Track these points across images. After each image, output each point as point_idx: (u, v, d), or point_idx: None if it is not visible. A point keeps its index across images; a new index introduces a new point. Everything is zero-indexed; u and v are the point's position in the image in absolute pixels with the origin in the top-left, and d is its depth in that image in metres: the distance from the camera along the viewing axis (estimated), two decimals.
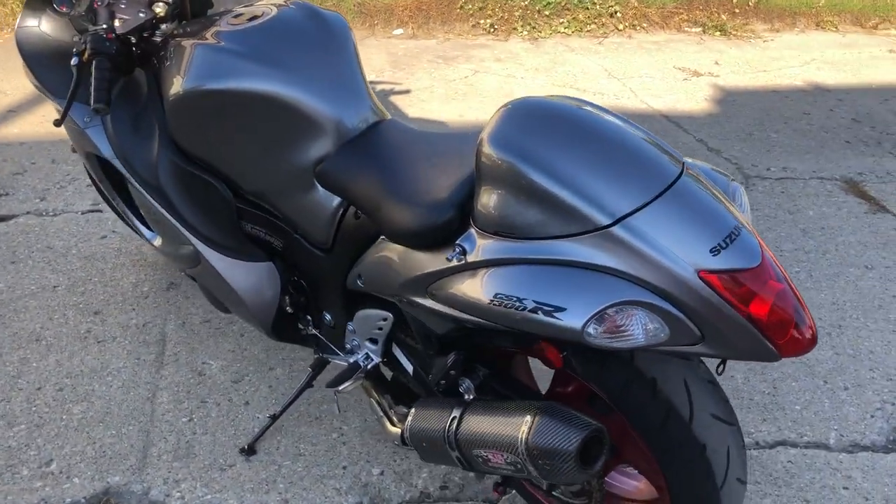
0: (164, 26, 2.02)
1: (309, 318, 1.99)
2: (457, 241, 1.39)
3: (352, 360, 1.87)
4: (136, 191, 1.94)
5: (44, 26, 2.04)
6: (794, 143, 4.17)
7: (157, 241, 2.09)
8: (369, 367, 1.84)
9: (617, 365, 1.43)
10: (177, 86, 1.75)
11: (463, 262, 1.38)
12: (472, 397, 1.53)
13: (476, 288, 1.35)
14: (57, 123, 1.87)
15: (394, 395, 1.87)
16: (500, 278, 1.31)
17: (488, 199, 1.34)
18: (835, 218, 3.42)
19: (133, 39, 1.96)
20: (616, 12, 6.18)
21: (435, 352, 1.63)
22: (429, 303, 1.50)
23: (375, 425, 2.15)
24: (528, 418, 1.34)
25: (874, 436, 2.22)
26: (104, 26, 1.86)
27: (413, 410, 1.64)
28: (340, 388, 1.82)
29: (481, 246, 1.36)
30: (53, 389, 2.23)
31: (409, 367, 1.80)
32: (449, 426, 1.50)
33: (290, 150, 1.70)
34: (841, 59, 5.66)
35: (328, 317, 1.91)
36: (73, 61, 1.85)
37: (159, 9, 1.99)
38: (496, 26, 5.83)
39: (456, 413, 1.51)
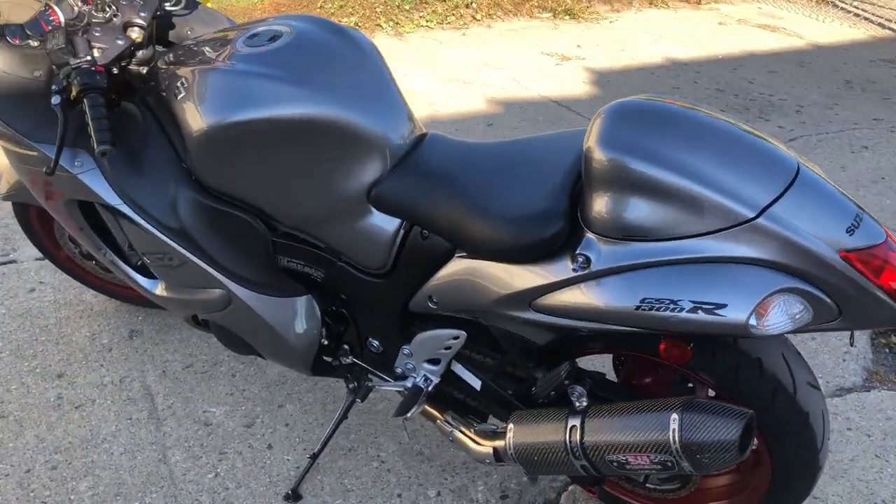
0: (140, 53, 1.84)
1: (346, 347, 1.90)
2: (577, 251, 1.38)
3: (409, 384, 1.81)
4: (141, 236, 1.75)
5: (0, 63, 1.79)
6: None
7: (160, 289, 1.90)
8: (430, 388, 1.79)
9: (724, 351, 1.48)
10: (199, 119, 1.59)
11: (587, 271, 1.37)
12: (584, 404, 1.52)
13: (611, 295, 1.34)
14: (49, 172, 1.65)
15: (458, 413, 1.83)
16: (643, 282, 1.32)
17: (612, 205, 1.34)
18: None
19: (114, 70, 1.77)
20: (472, 2, 6.29)
21: (535, 363, 1.61)
22: (533, 316, 1.48)
23: (411, 448, 2.09)
24: (676, 416, 1.36)
25: (853, 377, 2.43)
26: (88, 58, 1.67)
27: (512, 426, 1.61)
28: (409, 414, 1.76)
29: (608, 253, 1.35)
30: (46, 469, 1.98)
31: (476, 383, 1.77)
32: (570, 436, 1.49)
33: (338, 175, 1.60)
34: (684, 34, 6.08)
35: (375, 343, 1.83)
36: (55, 101, 1.65)
37: (136, 34, 1.81)
38: (359, 24, 5.75)
39: (574, 422, 1.50)
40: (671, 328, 1.31)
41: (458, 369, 1.78)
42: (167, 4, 1.93)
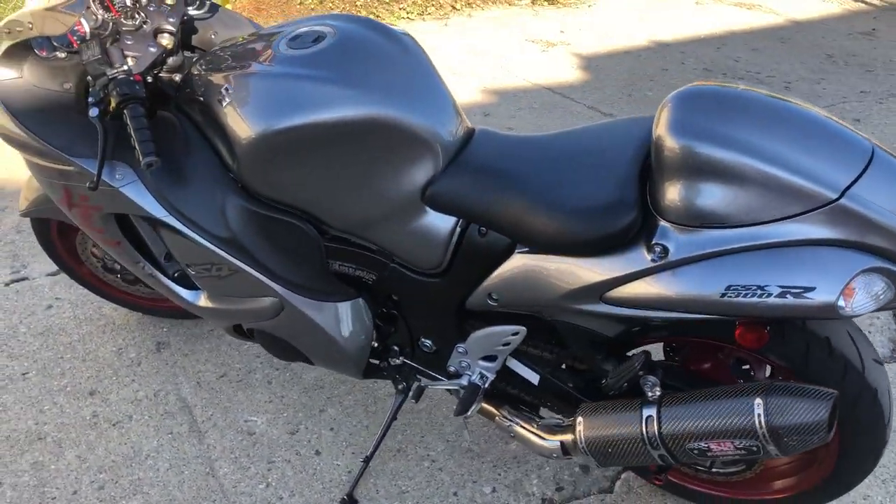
0: (170, 60, 1.80)
1: (396, 348, 1.88)
2: (654, 241, 1.37)
3: (464, 382, 1.80)
4: (187, 248, 1.71)
5: (29, 76, 1.73)
6: None
7: (203, 300, 1.86)
8: (486, 385, 1.78)
9: (794, 332, 1.49)
10: (248, 125, 1.56)
11: (665, 260, 1.36)
12: (657, 394, 1.52)
13: (693, 284, 1.34)
14: (93, 187, 1.61)
15: (513, 408, 1.82)
16: (728, 269, 1.31)
17: (688, 193, 1.33)
18: None
19: (149, 79, 1.73)
20: None
21: (603, 356, 1.60)
22: (605, 308, 1.47)
23: (460, 445, 2.08)
24: (760, 401, 1.36)
25: (881, 349, 2.47)
26: (125, 68, 1.63)
27: (581, 419, 1.60)
28: (469, 413, 1.75)
29: (686, 241, 1.35)
30: (93, 489, 1.94)
31: (534, 378, 1.76)
32: (647, 427, 1.49)
33: (392, 176, 1.58)
34: (663, 15, 6.11)
35: (427, 343, 1.81)
36: (93, 113, 1.61)
37: (166, 40, 1.76)
38: None
39: (649, 412, 1.50)
40: (758, 314, 1.31)
41: (515, 364, 1.77)
42: (190, 9, 1.89)
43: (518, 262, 1.56)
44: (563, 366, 1.74)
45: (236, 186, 1.67)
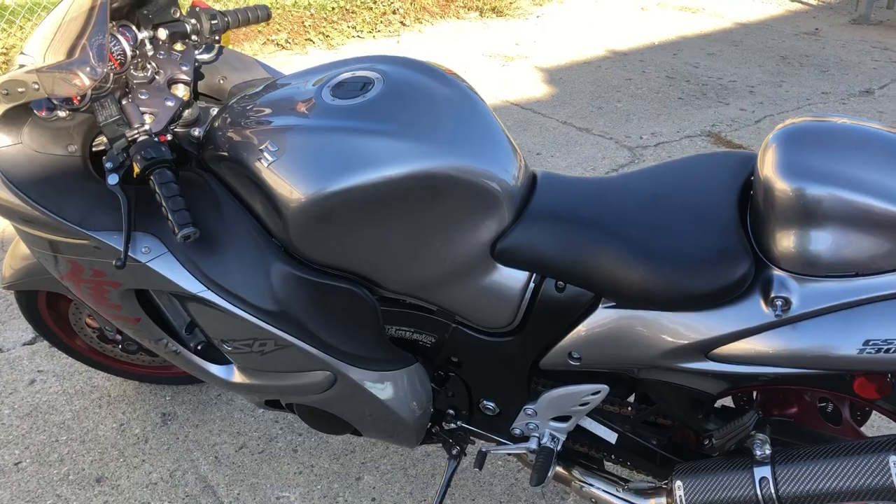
0: (186, 113, 1.61)
1: (451, 411, 1.73)
2: (773, 293, 1.27)
3: (532, 446, 1.66)
4: (225, 323, 1.53)
5: (29, 141, 1.51)
6: (641, 108, 4.43)
7: (237, 376, 1.68)
8: (559, 447, 1.65)
9: None
10: (300, 187, 1.39)
11: (787, 314, 1.25)
12: (767, 452, 1.41)
13: (824, 339, 1.24)
14: (121, 265, 1.41)
15: (586, 470, 1.70)
16: (865, 322, 1.21)
17: (807, 239, 1.23)
18: None
19: (169, 136, 1.54)
20: (398, 8, 6.11)
21: (704, 415, 1.49)
22: (711, 366, 1.36)
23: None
24: (894, 458, 1.27)
25: None
26: (146, 127, 1.44)
27: (680, 483, 1.48)
28: (546, 481, 1.61)
29: (811, 292, 1.25)
30: None
31: (611, 436, 1.64)
32: (761, 489, 1.38)
33: (460, 232, 1.44)
34: (611, 24, 6.11)
35: (491, 405, 1.67)
36: (112, 181, 1.42)
37: (182, 91, 1.59)
38: (290, 40, 5.48)
39: (763, 473, 1.39)
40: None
41: (589, 423, 1.65)
42: (196, 53, 1.71)
43: (604, 318, 1.43)
44: (644, 422, 1.62)
45: (281, 252, 1.50)
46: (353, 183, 1.37)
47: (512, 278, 1.47)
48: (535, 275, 1.47)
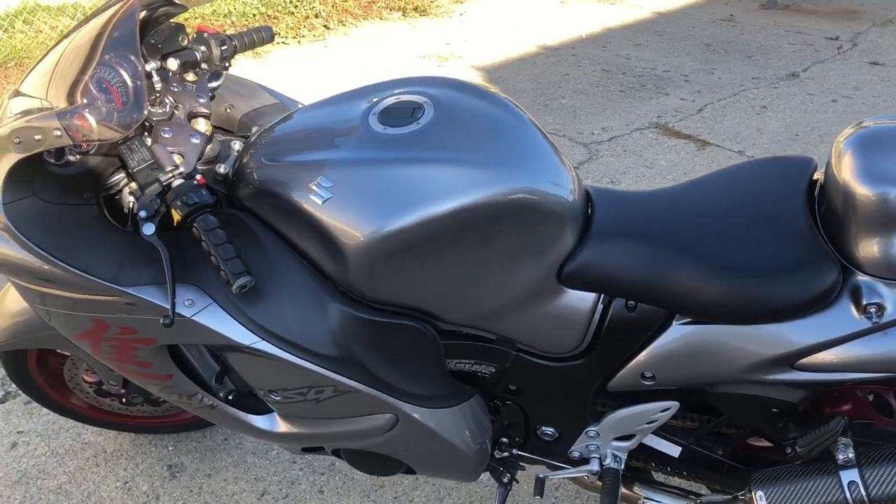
0: (207, 148, 1.49)
1: (506, 440, 1.67)
2: (865, 300, 1.26)
3: (594, 468, 1.62)
4: (277, 372, 1.42)
5: (42, 194, 1.36)
6: (587, 104, 4.45)
7: (282, 426, 1.57)
8: (622, 467, 1.61)
9: None
10: (358, 224, 1.29)
11: (882, 320, 1.25)
12: (851, 455, 1.41)
13: None
14: (170, 323, 1.28)
15: (649, 487, 1.67)
16: None
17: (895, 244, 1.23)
18: (686, 162, 3.74)
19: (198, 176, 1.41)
20: (320, 12, 5.96)
21: (784, 423, 1.47)
22: (797, 376, 1.35)
23: None
24: None
25: None
26: (180, 170, 1.33)
27: (761, 493, 1.46)
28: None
29: None
30: None
31: (674, 451, 1.62)
32: (851, 493, 1.37)
33: (526, 255, 1.38)
34: (535, 19, 6.13)
35: (550, 430, 1.62)
36: (147, 231, 1.29)
37: (203, 126, 1.47)
38: None
39: (851, 477, 1.38)
40: None
41: (650, 440, 1.62)
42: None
43: (680, 335, 1.40)
44: (710, 432, 1.61)
45: (337, 292, 1.40)
46: (422, 217, 1.29)
47: (579, 301, 1.42)
48: (603, 295, 1.42)
